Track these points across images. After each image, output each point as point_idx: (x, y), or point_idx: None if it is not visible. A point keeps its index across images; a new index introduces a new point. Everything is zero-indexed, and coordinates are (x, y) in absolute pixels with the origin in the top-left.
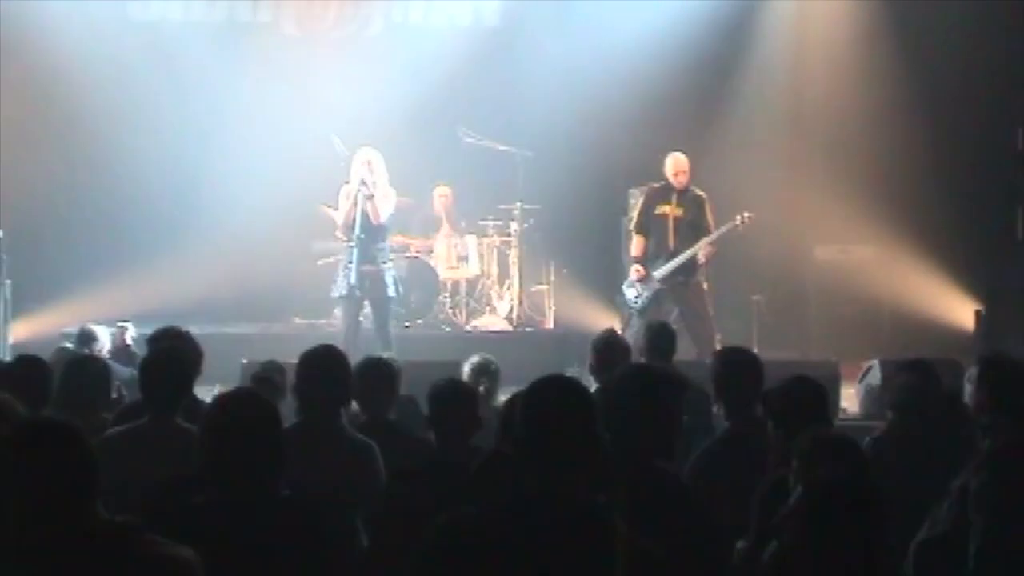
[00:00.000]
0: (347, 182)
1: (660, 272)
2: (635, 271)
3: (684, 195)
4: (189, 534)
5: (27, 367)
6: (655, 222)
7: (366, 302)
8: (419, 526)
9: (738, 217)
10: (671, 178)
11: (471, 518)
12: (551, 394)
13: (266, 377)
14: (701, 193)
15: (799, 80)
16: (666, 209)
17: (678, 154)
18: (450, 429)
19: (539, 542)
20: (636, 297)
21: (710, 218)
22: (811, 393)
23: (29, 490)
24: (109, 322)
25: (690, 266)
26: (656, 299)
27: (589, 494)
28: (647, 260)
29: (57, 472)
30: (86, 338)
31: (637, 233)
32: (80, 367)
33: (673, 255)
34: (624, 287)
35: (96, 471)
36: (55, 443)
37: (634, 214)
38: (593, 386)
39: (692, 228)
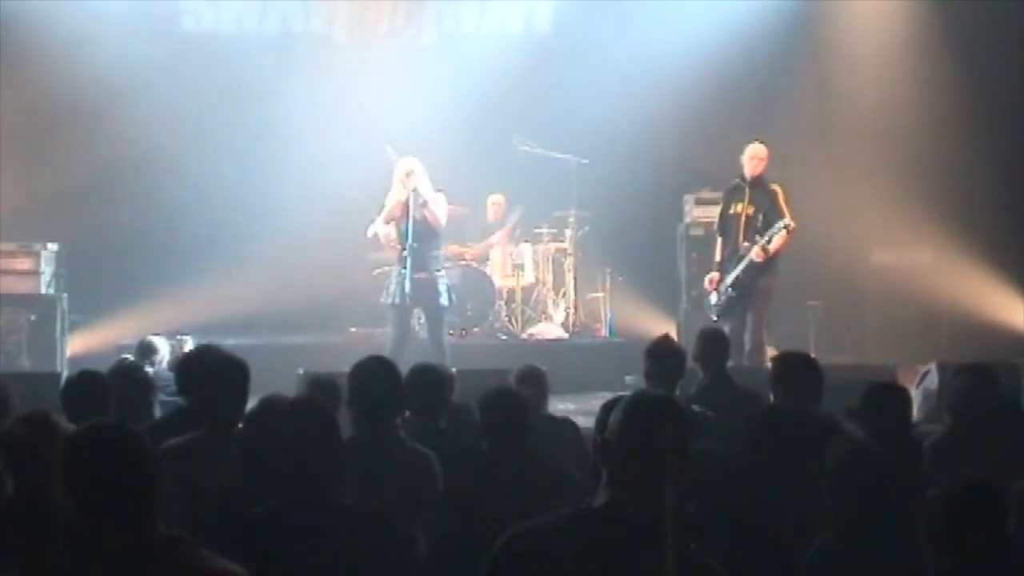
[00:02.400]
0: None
1: (729, 277)
2: (708, 279)
3: (756, 191)
4: (249, 544)
5: (87, 382)
6: (729, 222)
7: (417, 311)
8: (477, 534)
9: (778, 224)
10: (746, 164)
11: (541, 530)
12: (650, 408)
13: (327, 381)
14: (775, 186)
15: (855, 85)
16: (738, 208)
17: (756, 143)
18: (500, 437)
19: (607, 555)
20: (715, 304)
21: (785, 211)
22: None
23: (91, 497)
24: (168, 334)
25: (752, 268)
26: (729, 305)
27: (677, 507)
28: (725, 263)
29: (123, 479)
30: (146, 350)
31: (718, 235)
32: (125, 376)
33: (742, 257)
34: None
35: (158, 483)
36: (122, 451)
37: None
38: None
39: (764, 226)
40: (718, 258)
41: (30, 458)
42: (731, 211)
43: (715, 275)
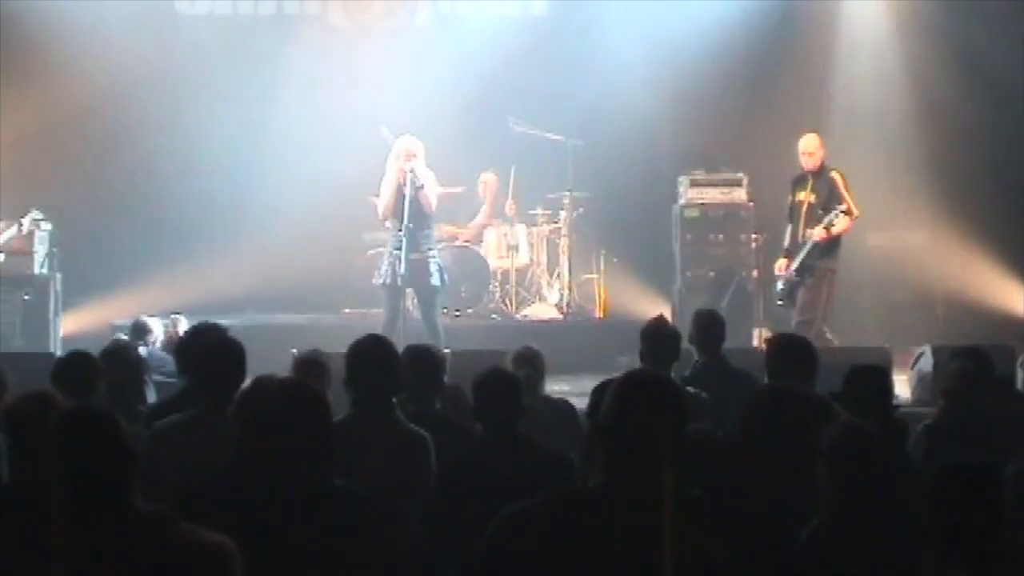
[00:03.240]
0: (384, 172)
1: (795, 263)
2: (777, 265)
3: (819, 178)
4: (239, 524)
5: (77, 362)
6: (794, 211)
7: (410, 291)
8: (471, 516)
9: (837, 208)
10: (800, 158)
11: (537, 511)
12: (646, 389)
13: (314, 360)
14: (834, 173)
15: (849, 68)
16: (801, 196)
17: (806, 135)
18: (494, 418)
19: (605, 536)
20: (781, 289)
21: (845, 198)
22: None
23: (70, 478)
24: (162, 314)
25: (815, 252)
26: (792, 290)
27: (676, 489)
28: (794, 249)
29: (96, 460)
30: (140, 330)
31: (787, 223)
32: (116, 357)
33: (805, 243)
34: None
35: (135, 460)
36: (95, 432)
37: None
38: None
39: (817, 214)
40: (786, 244)
41: (33, 436)
42: (796, 199)
43: (784, 261)
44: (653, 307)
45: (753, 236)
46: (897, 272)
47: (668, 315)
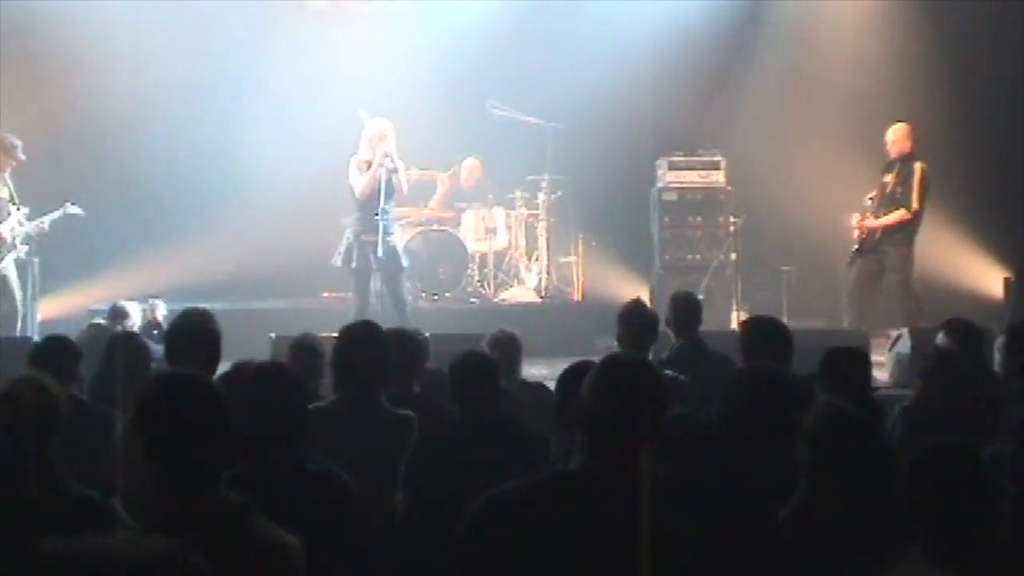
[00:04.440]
0: (355, 154)
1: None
2: (855, 220)
3: (904, 166)
4: None
5: (55, 346)
6: (879, 191)
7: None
8: (449, 499)
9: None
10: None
11: (516, 494)
12: (626, 372)
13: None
14: (915, 164)
15: (827, 52)
16: (885, 179)
17: (894, 125)
18: (471, 401)
19: (583, 518)
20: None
21: (915, 188)
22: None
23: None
24: (140, 298)
25: (887, 238)
26: (852, 264)
27: (652, 470)
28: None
29: (201, 433)
30: (118, 314)
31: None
32: (122, 345)
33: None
34: None
35: (228, 440)
36: (200, 401)
37: None
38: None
39: (894, 198)
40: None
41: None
42: (882, 180)
43: (859, 217)
44: (631, 290)
45: (732, 219)
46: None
47: (646, 298)
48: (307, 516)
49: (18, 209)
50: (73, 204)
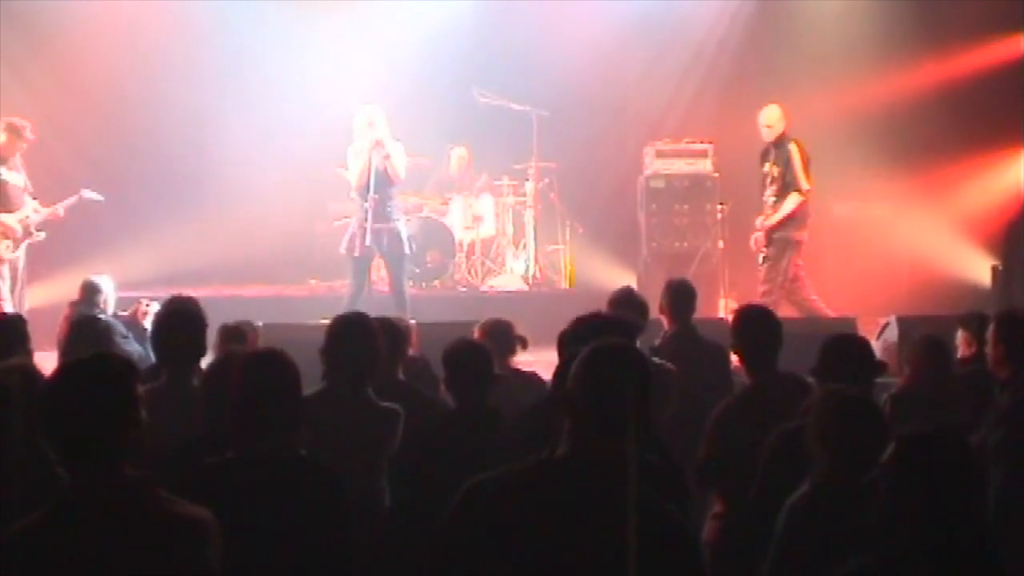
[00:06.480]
0: (351, 143)
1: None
2: (753, 240)
3: (779, 150)
4: (205, 493)
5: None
6: (763, 182)
7: (376, 264)
8: (436, 486)
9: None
10: (761, 133)
11: (504, 480)
12: (611, 358)
13: (237, 330)
14: (791, 145)
15: (817, 38)
16: (765, 167)
17: (766, 107)
18: (465, 389)
19: (569, 504)
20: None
21: (798, 168)
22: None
23: (68, 435)
24: (131, 286)
25: (779, 224)
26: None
27: (640, 456)
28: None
29: (106, 409)
30: (90, 290)
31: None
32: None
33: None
34: None
35: (137, 418)
36: (110, 380)
37: None
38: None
39: (784, 184)
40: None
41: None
42: (762, 171)
43: (760, 235)
44: (619, 278)
45: (719, 206)
46: (862, 242)
47: (633, 285)
48: (294, 504)
49: (33, 197)
50: (90, 190)
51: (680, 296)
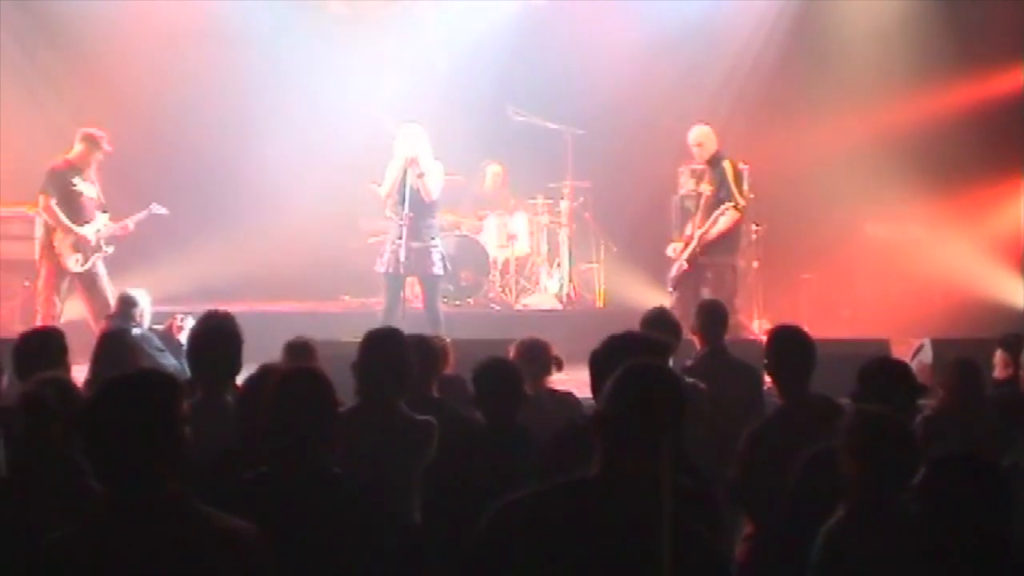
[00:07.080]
0: (391, 159)
1: (684, 254)
2: (671, 249)
3: (713, 170)
4: (238, 508)
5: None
6: (697, 201)
7: (411, 280)
8: (466, 504)
9: (719, 211)
10: (692, 152)
11: (535, 499)
12: (644, 379)
13: (306, 346)
14: (725, 163)
15: (850, 59)
16: (701, 188)
17: (695, 127)
18: (495, 407)
19: (601, 524)
20: (672, 276)
21: (732, 185)
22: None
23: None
24: (165, 300)
25: (711, 249)
26: (679, 280)
27: (674, 477)
28: (689, 241)
29: (147, 430)
30: (127, 303)
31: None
32: (114, 340)
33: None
34: None
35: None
36: (152, 399)
37: None
38: None
39: (720, 203)
40: (686, 232)
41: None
42: (697, 190)
43: (679, 245)
44: (653, 297)
45: (754, 227)
46: (896, 263)
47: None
48: (326, 520)
49: (104, 211)
50: (158, 205)
51: (712, 317)
